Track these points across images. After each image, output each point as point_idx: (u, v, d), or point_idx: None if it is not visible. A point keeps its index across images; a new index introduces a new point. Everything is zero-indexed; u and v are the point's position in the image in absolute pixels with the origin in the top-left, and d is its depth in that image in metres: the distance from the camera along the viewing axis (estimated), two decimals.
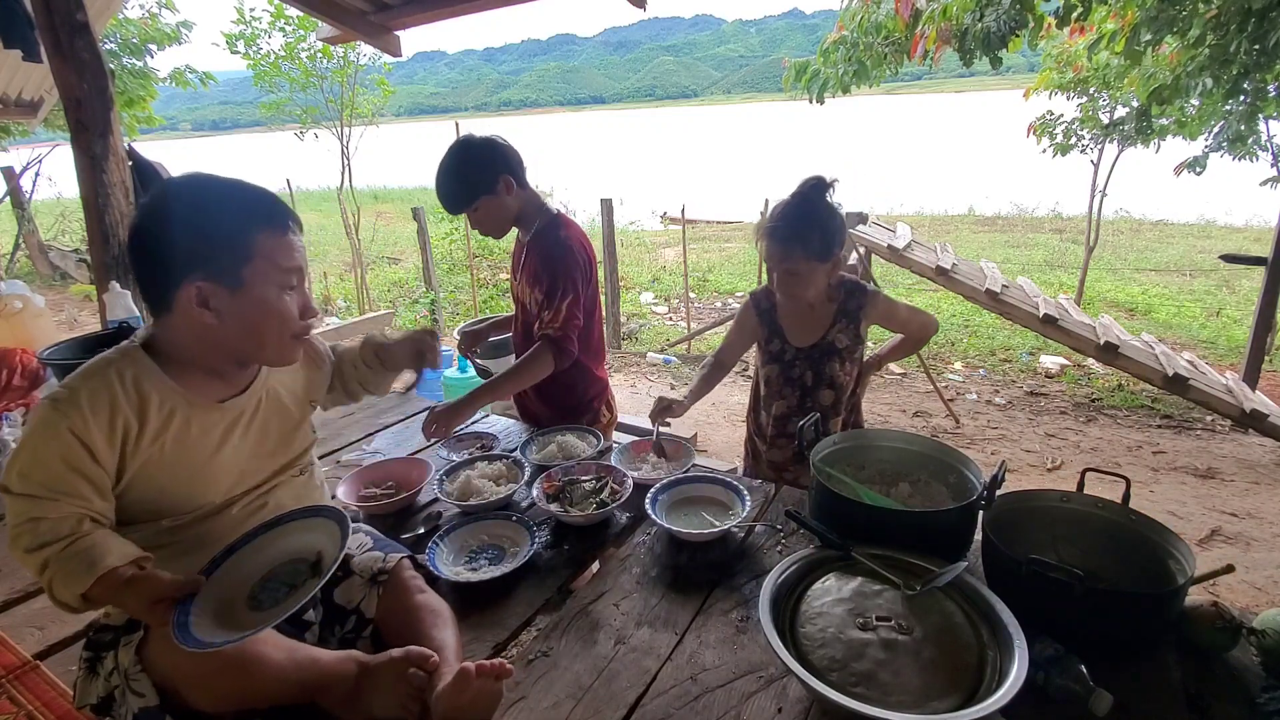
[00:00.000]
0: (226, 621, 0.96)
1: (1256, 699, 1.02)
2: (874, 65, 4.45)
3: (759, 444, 2.05)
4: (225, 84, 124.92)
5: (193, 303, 1.00)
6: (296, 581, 1.02)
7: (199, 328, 1.03)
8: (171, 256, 1.00)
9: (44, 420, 0.97)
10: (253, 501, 1.16)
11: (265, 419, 1.18)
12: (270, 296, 1.05)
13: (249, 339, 1.07)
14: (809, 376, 1.88)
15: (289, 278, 1.07)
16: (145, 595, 0.92)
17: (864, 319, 1.85)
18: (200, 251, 1.00)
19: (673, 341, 6.47)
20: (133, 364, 1.04)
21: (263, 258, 1.03)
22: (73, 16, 2.82)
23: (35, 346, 2.47)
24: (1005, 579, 1.17)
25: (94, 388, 0.99)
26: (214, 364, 1.11)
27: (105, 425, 0.99)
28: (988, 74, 4.17)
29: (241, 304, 1.03)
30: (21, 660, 1.23)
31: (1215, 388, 4.01)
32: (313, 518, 1.11)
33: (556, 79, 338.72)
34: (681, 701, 1.06)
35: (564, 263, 1.88)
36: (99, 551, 0.94)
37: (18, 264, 9.48)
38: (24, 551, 0.95)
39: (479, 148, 1.86)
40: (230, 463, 1.12)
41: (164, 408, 1.04)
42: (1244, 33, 3.41)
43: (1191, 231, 10.67)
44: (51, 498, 0.95)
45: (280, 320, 1.07)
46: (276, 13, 6.37)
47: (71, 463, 0.96)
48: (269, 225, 1.04)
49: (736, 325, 1.99)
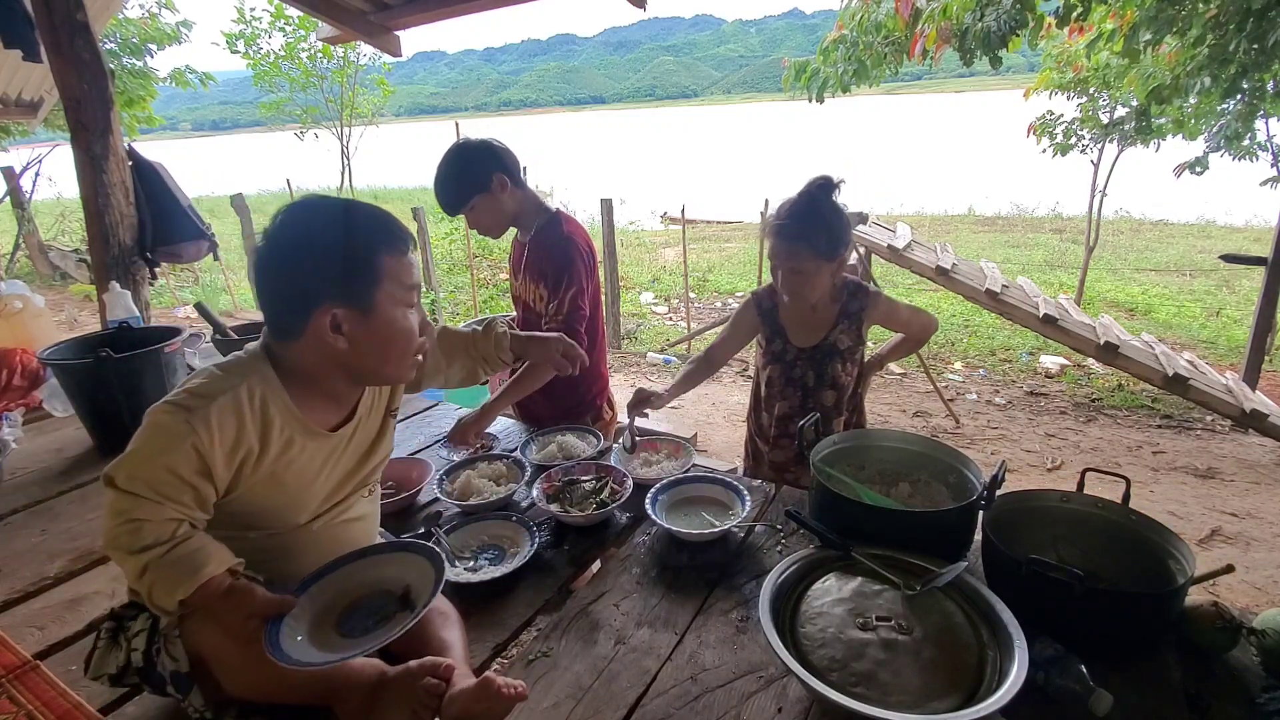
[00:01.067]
0: (315, 641, 0.99)
1: (1256, 699, 1.02)
2: (874, 65, 4.45)
3: (760, 445, 2.05)
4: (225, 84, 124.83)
5: (326, 329, 1.00)
6: (384, 612, 1.05)
7: (328, 351, 1.03)
8: (305, 285, 1.00)
9: (170, 429, 0.96)
10: (331, 519, 1.17)
11: (360, 441, 1.19)
12: (398, 317, 1.06)
13: (377, 360, 1.07)
14: (810, 377, 1.88)
15: (410, 296, 1.08)
16: (243, 608, 0.95)
17: (866, 320, 1.85)
18: (334, 277, 1.00)
19: (673, 341, 6.47)
20: (263, 383, 1.04)
21: (389, 279, 1.03)
22: (73, 16, 2.82)
23: (35, 346, 2.47)
24: (1005, 579, 1.17)
25: (224, 406, 0.99)
26: (333, 386, 1.11)
27: (229, 446, 0.99)
28: (988, 74, 4.17)
29: (372, 327, 1.03)
30: (21, 660, 1.22)
31: (1215, 388, 4.01)
32: (403, 552, 1.13)
33: (556, 79, 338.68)
34: (681, 701, 1.06)
35: (567, 256, 1.90)
36: (202, 557, 0.94)
37: (18, 264, 9.47)
38: (125, 553, 0.93)
39: (472, 149, 1.90)
40: (324, 485, 1.14)
41: (284, 434, 1.05)
42: (1242, 32, 3.41)
43: (1191, 231, 10.67)
44: (156, 500, 0.94)
45: (407, 339, 1.08)
46: (276, 13, 6.38)
47: (185, 475, 0.96)
48: (393, 247, 1.04)
49: (734, 323, 1.99)
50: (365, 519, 1.25)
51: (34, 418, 2.36)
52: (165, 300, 7.62)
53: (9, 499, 1.83)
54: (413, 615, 0.99)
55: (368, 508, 1.27)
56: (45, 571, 1.50)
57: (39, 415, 2.38)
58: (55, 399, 2.36)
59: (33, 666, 1.21)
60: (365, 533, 1.26)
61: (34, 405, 2.41)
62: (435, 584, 1.04)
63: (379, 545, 1.15)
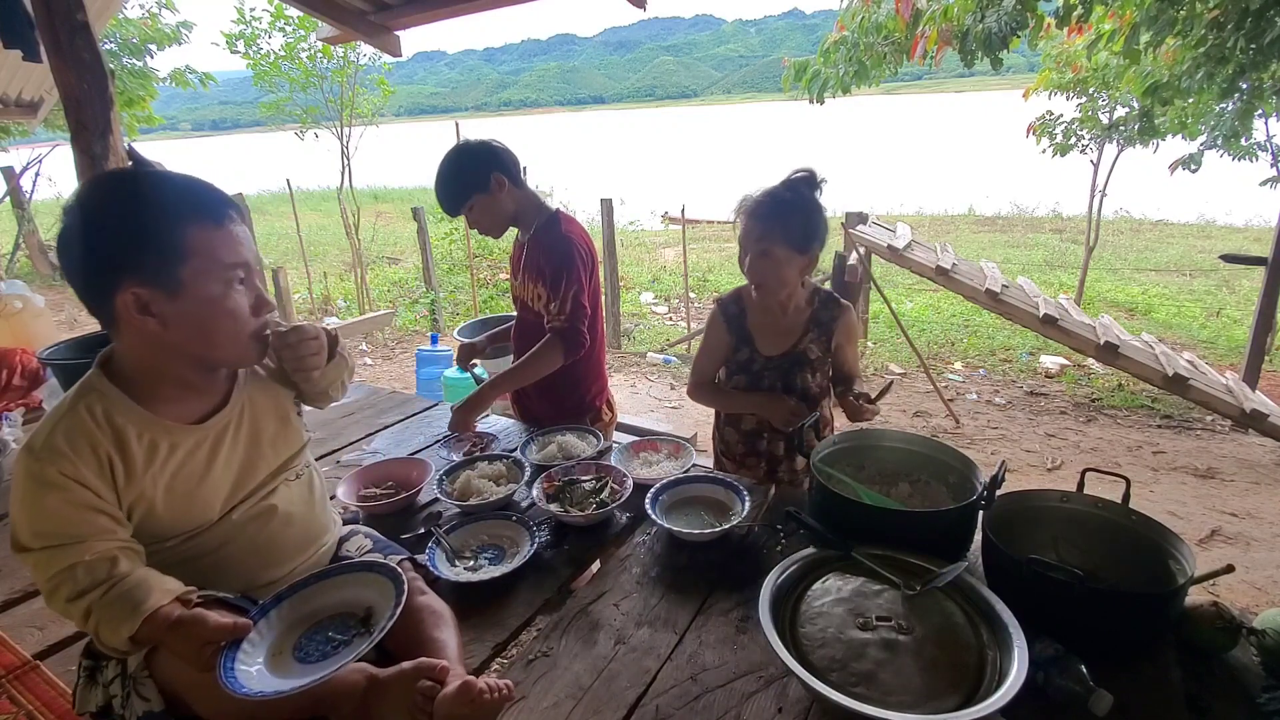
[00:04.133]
0: (272, 668, 0.97)
1: (1256, 699, 1.02)
2: (874, 65, 4.45)
3: (727, 464, 1.96)
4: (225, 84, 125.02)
5: (131, 310, 0.94)
6: (345, 635, 1.03)
7: (146, 336, 0.97)
8: (100, 263, 0.94)
9: (29, 472, 0.93)
10: (253, 506, 1.13)
11: (252, 428, 1.14)
12: (215, 295, 0.98)
13: (200, 342, 1.01)
14: (779, 388, 1.80)
15: (233, 272, 1.00)
16: (195, 638, 0.90)
17: (836, 331, 1.79)
18: (128, 255, 0.93)
19: (673, 341, 6.46)
20: (100, 397, 1.00)
21: (200, 255, 0.96)
22: (73, 16, 2.82)
23: (35, 346, 2.47)
24: (1005, 579, 1.17)
25: (68, 428, 0.96)
26: (177, 374, 1.05)
27: (92, 463, 0.96)
28: (988, 74, 4.17)
29: (184, 307, 0.96)
30: (21, 660, 1.23)
31: (1215, 388, 4.01)
32: (365, 572, 1.11)
33: (556, 79, 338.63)
34: (681, 701, 1.06)
35: (567, 255, 1.90)
36: (141, 592, 0.92)
37: (18, 264, 9.47)
38: (65, 603, 0.92)
39: (472, 149, 1.91)
40: (222, 478, 1.09)
41: (143, 439, 1.01)
42: (1241, 31, 3.41)
43: (1191, 231, 10.67)
44: (77, 541, 0.92)
45: (232, 319, 1.01)
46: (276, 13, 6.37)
47: (80, 503, 0.94)
48: (202, 219, 0.97)
49: (707, 340, 1.89)
50: (299, 505, 1.20)
51: (34, 418, 2.36)
52: None
53: (9, 499, 1.83)
54: (368, 640, 0.96)
55: (298, 493, 1.20)
56: None
57: (39, 415, 2.38)
58: (55, 399, 2.36)
59: (33, 666, 1.21)
60: (309, 518, 1.22)
61: (34, 405, 2.41)
62: (395, 605, 1.01)
63: (341, 566, 1.12)
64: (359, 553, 1.30)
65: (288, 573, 1.16)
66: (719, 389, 1.91)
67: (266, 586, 1.12)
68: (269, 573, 1.15)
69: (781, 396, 1.78)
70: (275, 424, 1.19)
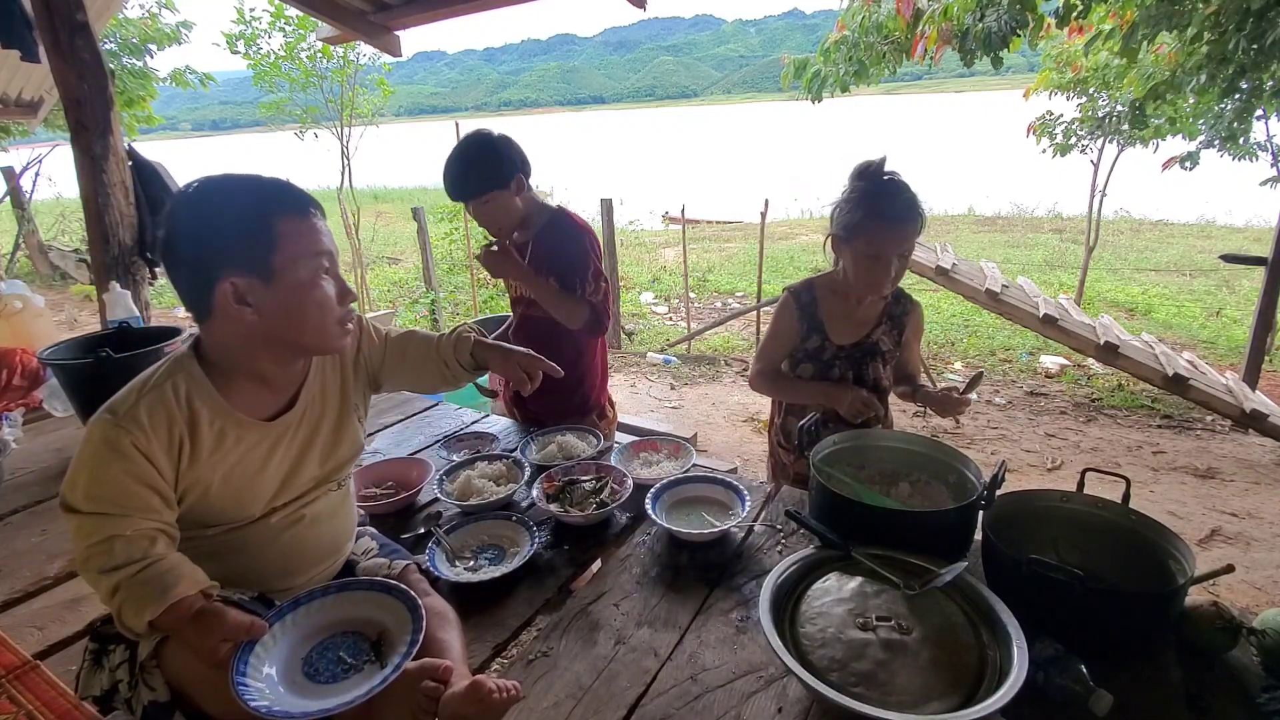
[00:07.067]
0: (281, 679, 0.97)
1: (1256, 699, 1.02)
2: (874, 64, 4.46)
3: (785, 455, 1.92)
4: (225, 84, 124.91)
5: (230, 301, 0.99)
6: (356, 660, 1.02)
7: (241, 326, 1.02)
8: (200, 259, 0.99)
9: (105, 437, 0.96)
10: (292, 514, 1.15)
11: (310, 432, 1.17)
12: (304, 281, 1.03)
13: (292, 328, 1.05)
14: (849, 378, 1.77)
15: (319, 260, 1.05)
16: (213, 632, 0.92)
17: (907, 326, 1.78)
18: (225, 247, 0.98)
19: (673, 341, 6.46)
20: (186, 377, 1.04)
21: (289, 243, 1.01)
22: (73, 16, 2.82)
23: (35, 346, 2.47)
24: (1005, 579, 1.17)
25: (152, 403, 0.99)
26: (261, 366, 1.09)
27: (165, 440, 0.98)
28: (988, 74, 4.18)
29: (277, 294, 1.01)
30: (21, 660, 1.22)
31: (1215, 388, 4.01)
32: (385, 594, 1.09)
33: (556, 79, 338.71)
34: (681, 701, 1.06)
35: (581, 245, 1.93)
36: (173, 577, 0.93)
37: (18, 264, 9.47)
38: (97, 573, 0.93)
39: (499, 141, 1.87)
40: (273, 477, 1.12)
41: (214, 425, 1.04)
42: (1241, 31, 3.42)
43: (1191, 231, 10.67)
44: (124, 514, 0.94)
45: (320, 305, 1.05)
46: (276, 13, 6.36)
47: (141, 477, 0.95)
48: (289, 210, 1.02)
49: (775, 327, 1.84)
50: (336, 515, 1.23)
51: (34, 418, 2.36)
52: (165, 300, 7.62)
53: (9, 499, 1.83)
54: (381, 676, 0.95)
55: (337, 503, 1.23)
56: (45, 571, 1.50)
57: (39, 415, 2.39)
58: (55, 399, 2.36)
59: (33, 666, 1.21)
60: (336, 529, 1.23)
61: (34, 405, 2.41)
62: (410, 643, 0.99)
63: (361, 581, 1.12)
64: (365, 555, 1.30)
65: (305, 581, 1.17)
66: (785, 376, 1.87)
67: (282, 592, 1.13)
68: (288, 579, 1.16)
69: (851, 385, 1.75)
70: (335, 433, 1.21)
